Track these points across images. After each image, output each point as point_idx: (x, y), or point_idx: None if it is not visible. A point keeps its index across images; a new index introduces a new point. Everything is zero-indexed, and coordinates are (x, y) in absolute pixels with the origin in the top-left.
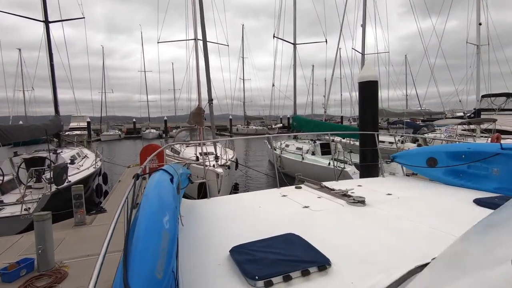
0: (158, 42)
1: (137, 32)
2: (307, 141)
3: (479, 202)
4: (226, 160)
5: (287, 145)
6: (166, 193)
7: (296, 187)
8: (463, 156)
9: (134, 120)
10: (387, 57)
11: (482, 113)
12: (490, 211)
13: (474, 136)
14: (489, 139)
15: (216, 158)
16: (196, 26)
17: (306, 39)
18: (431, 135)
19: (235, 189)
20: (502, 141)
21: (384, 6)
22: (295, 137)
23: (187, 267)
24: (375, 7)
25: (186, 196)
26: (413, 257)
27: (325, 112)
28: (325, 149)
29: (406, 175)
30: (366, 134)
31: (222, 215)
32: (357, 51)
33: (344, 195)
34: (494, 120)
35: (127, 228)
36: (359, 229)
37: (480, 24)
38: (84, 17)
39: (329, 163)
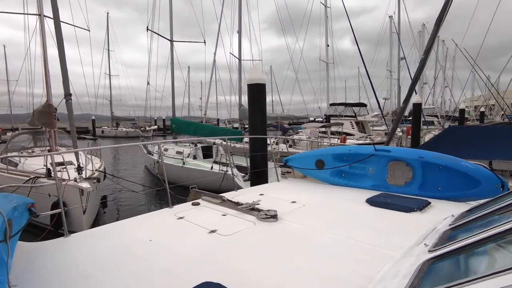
0: None
1: None
2: (188, 144)
3: (370, 202)
4: (93, 170)
5: (166, 149)
6: None
7: (193, 204)
8: (345, 158)
9: None
10: (260, 65)
11: (331, 118)
12: (381, 210)
13: (327, 137)
14: (339, 139)
15: (79, 169)
16: None
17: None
18: (296, 136)
19: (103, 205)
20: (348, 141)
21: (256, 17)
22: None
23: None
24: (249, 17)
25: (30, 230)
26: (353, 283)
27: (205, 114)
28: (207, 152)
29: (282, 175)
30: (256, 138)
31: (91, 264)
32: (234, 56)
33: (252, 209)
34: (342, 124)
35: None
36: (282, 255)
37: (327, 45)
38: None
39: (212, 167)
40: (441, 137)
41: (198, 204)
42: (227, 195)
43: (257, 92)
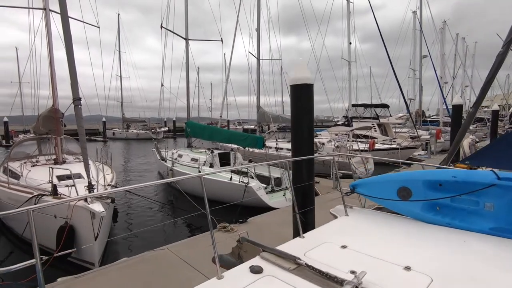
0: None
1: None
2: (204, 150)
3: None
4: (105, 185)
5: (180, 155)
6: None
7: (252, 271)
8: (441, 185)
9: None
10: (279, 64)
11: (353, 120)
12: None
13: (349, 140)
14: (367, 144)
15: (90, 187)
16: None
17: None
18: (315, 140)
19: (113, 219)
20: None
21: (266, 15)
22: (190, 146)
23: None
24: (269, 14)
25: None
26: None
27: (220, 116)
28: (224, 160)
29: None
30: (302, 157)
31: None
32: (252, 55)
33: None
34: (370, 128)
35: None
36: None
37: (350, 43)
38: None
39: (231, 178)
40: (500, 144)
41: (260, 271)
42: (297, 252)
43: (304, 95)
